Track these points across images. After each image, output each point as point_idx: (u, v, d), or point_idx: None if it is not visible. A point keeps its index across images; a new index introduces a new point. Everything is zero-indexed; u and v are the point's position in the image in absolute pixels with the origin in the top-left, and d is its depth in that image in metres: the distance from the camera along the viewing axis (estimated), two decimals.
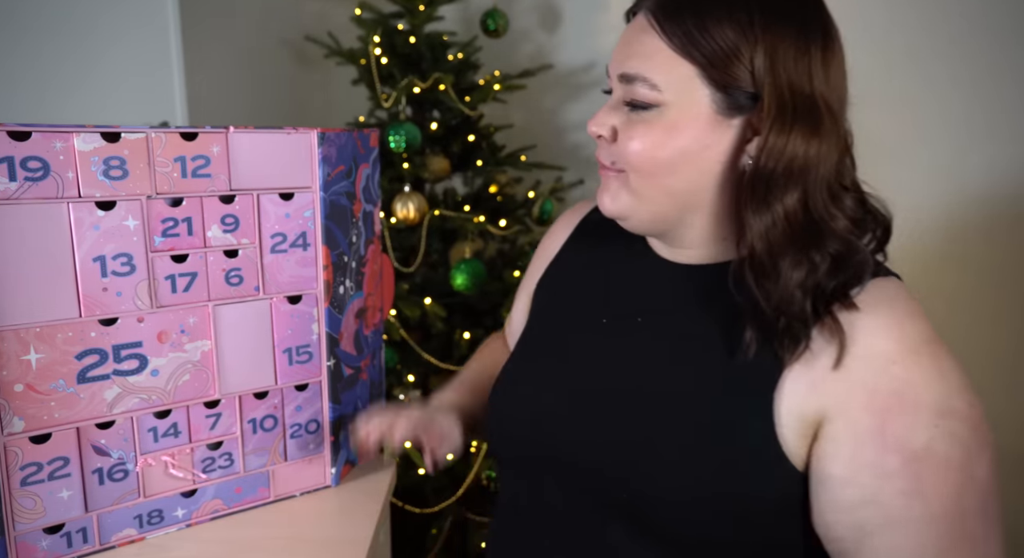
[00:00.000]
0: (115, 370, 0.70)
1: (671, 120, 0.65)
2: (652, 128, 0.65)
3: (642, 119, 0.66)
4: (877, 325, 0.62)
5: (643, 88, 0.65)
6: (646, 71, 0.65)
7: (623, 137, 0.67)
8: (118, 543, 0.74)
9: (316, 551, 0.75)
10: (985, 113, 1.48)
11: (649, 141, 0.65)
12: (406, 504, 1.45)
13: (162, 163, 0.70)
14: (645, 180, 0.67)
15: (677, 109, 0.65)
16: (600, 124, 0.69)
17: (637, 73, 0.65)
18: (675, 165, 0.66)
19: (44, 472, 0.68)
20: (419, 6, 1.57)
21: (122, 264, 0.69)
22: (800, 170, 0.62)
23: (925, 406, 0.59)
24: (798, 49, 0.62)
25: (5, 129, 0.62)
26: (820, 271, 0.63)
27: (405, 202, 1.50)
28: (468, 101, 1.58)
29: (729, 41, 0.62)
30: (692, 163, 0.66)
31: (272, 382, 0.80)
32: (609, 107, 0.70)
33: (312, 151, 0.78)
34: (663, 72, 0.64)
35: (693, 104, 0.64)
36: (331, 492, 0.86)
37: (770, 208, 0.63)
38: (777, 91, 0.62)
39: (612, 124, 0.68)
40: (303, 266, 0.80)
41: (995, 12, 1.45)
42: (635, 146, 0.66)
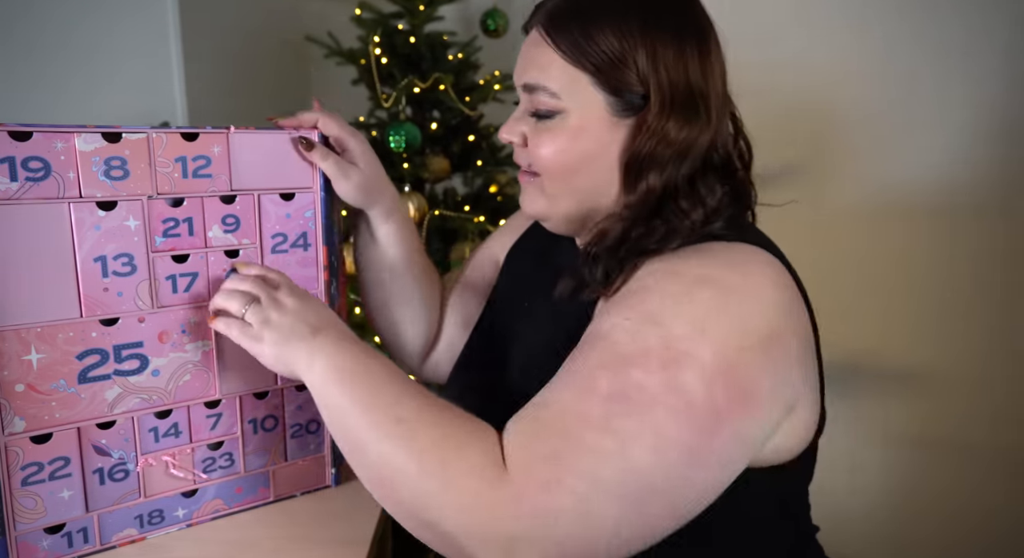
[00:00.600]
0: (116, 370, 0.70)
1: (572, 125, 0.69)
2: (557, 135, 0.70)
3: (547, 127, 0.71)
4: (659, 258, 0.64)
5: (544, 96, 0.70)
6: (544, 81, 0.69)
7: (532, 144, 0.72)
8: (119, 543, 0.74)
9: (316, 551, 0.75)
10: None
11: (555, 147, 0.70)
12: None
13: (163, 163, 0.70)
14: (556, 182, 0.72)
15: (577, 114, 0.69)
16: (510, 131, 0.75)
17: (536, 83, 0.70)
18: (581, 166, 0.70)
19: (45, 472, 0.68)
20: (419, 6, 1.57)
21: (123, 264, 0.69)
22: (669, 154, 0.67)
23: (638, 305, 0.60)
24: (676, 50, 0.67)
25: (6, 129, 0.62)
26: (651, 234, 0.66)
27: (405, 202, 1.51)
28: (468, 101, 1.58)
29: (614, 48, 0.67)
30: (595, 163, 0.70)
31: (272, 382, 0.80)
32: (518, 115, 0.75)
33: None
34: (559, 81, 0.69)
35: (590, 108, 0.69)
36: (331, 492, 0.86)
37: (635, 187, 0.68)
38: (659, 88, 0.67)
39: (522, 131, 0.73)
40: (303, 266, 0.80)
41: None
42: (543, 152, 0.71)
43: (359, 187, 0.80)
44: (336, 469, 0.87)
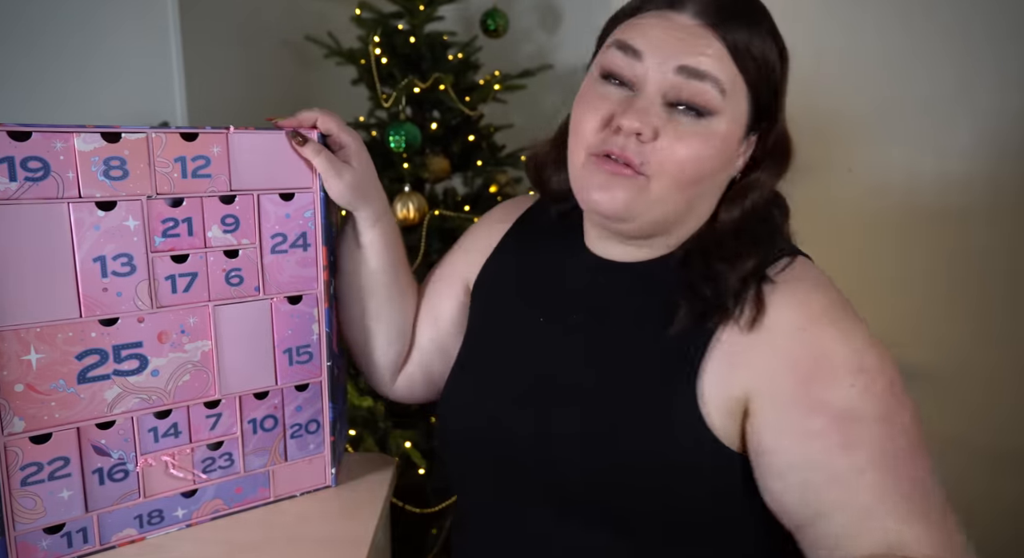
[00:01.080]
0: (115, 370, 0.70)
1: (721, 133, 0.65)
2: (705, 140, 0.64)
3: (694, 129, 0.64)
4: (784, 297, 0.65)
5: (712, 88, 0.63)
6: (717, 72, 0.63)
7: (667, 141, 0.64)
8: (118, 543, 0.74)
9: (316, 551, 0.75)
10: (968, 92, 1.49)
11: (702, 153, 0.64)
12: (406, 504, 1.45)
13: (162, 163, 0.70)
14: (675, 189, 0.66)
15: (727, 121, 0.65)
16: (643, 121, 0.64)
17: (708, 71, 0.63)
18: (709, 178, 0.67)
19: (44, 472, 0.68)
20: (419, 6, 1.57)
21: (122, 264, 0.69)
22: (769, 186, 0.71)
23: (840, 367, 0.62)
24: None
25: (5, 129, 0.62)
26: (760, 252, 0.68)
27: (405, 202, 1.50)
28: (468, 101, 1.58)
29: (773, 62, 0.66)
30: (718, 176, 0.68)
31: (272, 382, 0.80)
32: (647, 102, 0.65)
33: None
34: (728, 79, 0.64)
35: (739, 117, 0.66)
36: (331, 492, 0.86)
37: (742, 204, 0.69)
38: (782, 114, 0.68)
39: (655, 124, 0.64)
40: (303, 266, 0.80)
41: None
42: (683, 154, 0.64)
43: (351, 187, 0.78)
44: (336, 469, 0.87)
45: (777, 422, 0.63)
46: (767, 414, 0.63)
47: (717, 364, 0.65)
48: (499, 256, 0.86)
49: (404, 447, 1.40)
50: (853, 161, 1.53)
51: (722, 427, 0.65)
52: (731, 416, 0.65)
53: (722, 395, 0.65)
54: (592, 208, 0.69)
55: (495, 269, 0.85)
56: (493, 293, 0.85)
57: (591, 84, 0.71)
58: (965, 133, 1.47)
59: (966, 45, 1.44)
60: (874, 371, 0.62)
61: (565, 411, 0.71)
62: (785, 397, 0.63)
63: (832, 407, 0.61)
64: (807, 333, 0.64)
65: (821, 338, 0.63)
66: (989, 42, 1.43)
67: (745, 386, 0.64)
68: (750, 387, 0.64)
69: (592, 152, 0.68)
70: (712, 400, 0.65)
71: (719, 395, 0.65)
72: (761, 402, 0.64)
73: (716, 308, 0.65)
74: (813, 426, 0.61)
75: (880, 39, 1.49)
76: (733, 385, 0.65)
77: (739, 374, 0.64)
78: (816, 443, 0.61)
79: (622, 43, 0.67)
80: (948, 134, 1.48)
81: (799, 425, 0.62)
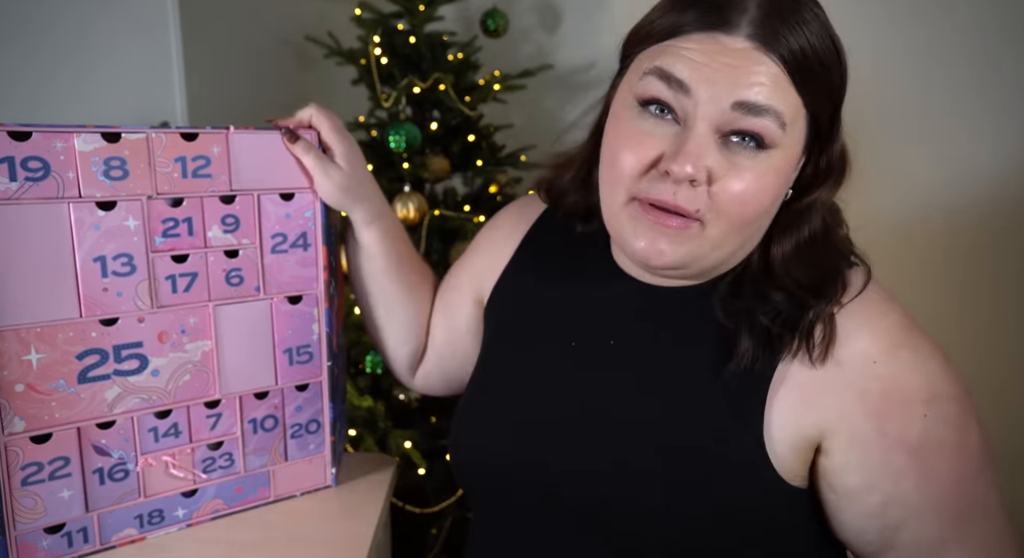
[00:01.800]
0: (116, 370, 0.70)
1: (780, 166, 0.59)
2: (765, 176, 0.58)
3: (751, 164, 0.58)
4: (853, 326, 0.62)
5: (774, 124, 0.57)
6: (779, 104, 0.57)
7: (728, 183, 0.58)
8: (118, 543, 0.74)
9: (316, 551, 0.75)
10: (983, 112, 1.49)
11: (762, 190, 0.59)
12: (406, 504, 1.45)
13: (162, 163, 0.70)
14: (734, 230, 0.60)
15: (785, 153, 0.59)
16: (697, 167, 0.57)
17: (770, 105, 0.56)
18: (767, 211, 0.61)
19: (45, 472, 0.68)
20: (419, 6, 1.57)
21: (122, 264, 0.69)
22: (825, 204, 0.66)
23: (913, 398, 0.60)
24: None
25: (5, 129, 0.62)
26: (819, 277, 0.64)
27: (405, 202, 1.50)
28: (468, 101, 1.58)
29: (836, 86, 0.60)
30: (775, 206, 0.63)
31: (272, 382, 0.80)
32: (699, 141, 0.57)
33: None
34: (789, 110, 0.57)
35: (797, 143, 0.60)
36: (331, 492, 0.86)
37: (799, 231, 0.64)
38: (840, 137, 0.64)
39: (708, 166, 0.58)
40: (303, 266, 0.80)
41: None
42: (749, 197, 0.58)
43: (340, 188, 0.77)
44: (336, 469, 0.87)
45: (860, 461, 0.61)
46: (850, 454, 0.61)
47: (785, 400, 0.61)
48: (515, 272, 0.81)
49: (404, 447, 1.40)
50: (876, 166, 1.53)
51: (785, 463, 0.62)
52: (799, 453, 0.62)
53: (791, 432, 0.61)
54: (639, 260, 0.63)
55: (511, 286, 0.80)
56: (511, 312, 0.80)
57: (628, 113, 0.62)
58: (969, 132, 1.47)
59: (983, 43, 1.43)
60: (946, 396, 0.61)
61: (609, 443, 0.66)
62: (866, 435, 0.60)
63: (908, 442, 0.60)
64: (879, 366, 0.60)
65: (893, 368, 0.60)
66: (1008, 40, 1.42)
67: (819, 425, 0.61)
68: (825, 426, 0.61)
69: (633, 194, 0.61)
70: (779, 436, 0.61)
71: (788, 432, 0.61)
72: (839, 442, 0.61)
73: (779, 340, 0.61)
74: (896, 465, 0.61)
75: (897, 37, 1.48)
76: (805, 424, 0.61)
77: (812, 412, 0.61)
78: (898, 482, 0.61)
79: (665, 73, 0.59)
80: (953, 134, 1.48)
81: (881, 464, 0.61)
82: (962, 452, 0.62)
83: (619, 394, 0.67)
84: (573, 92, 1.90)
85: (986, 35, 1.44)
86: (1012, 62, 1.43)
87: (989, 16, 1.44)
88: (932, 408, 0.60)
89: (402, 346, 0.89)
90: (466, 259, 0.88)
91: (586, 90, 1.89)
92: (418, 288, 0.88)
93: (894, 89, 1.50)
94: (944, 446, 0.61)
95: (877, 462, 0.61)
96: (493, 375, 0.78)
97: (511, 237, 0.83)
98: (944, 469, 0.61)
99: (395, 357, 0.90)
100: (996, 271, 1.51)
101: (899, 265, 1.53)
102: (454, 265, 0.91)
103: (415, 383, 0.93)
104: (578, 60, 1.87)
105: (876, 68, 1.50)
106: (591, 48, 1.87)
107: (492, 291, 0.82)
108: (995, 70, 1.45)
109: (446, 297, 0.89)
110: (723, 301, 0.65)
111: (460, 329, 0.87)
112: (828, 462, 0.62)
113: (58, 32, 1.47)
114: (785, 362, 0.62)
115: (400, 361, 0.91)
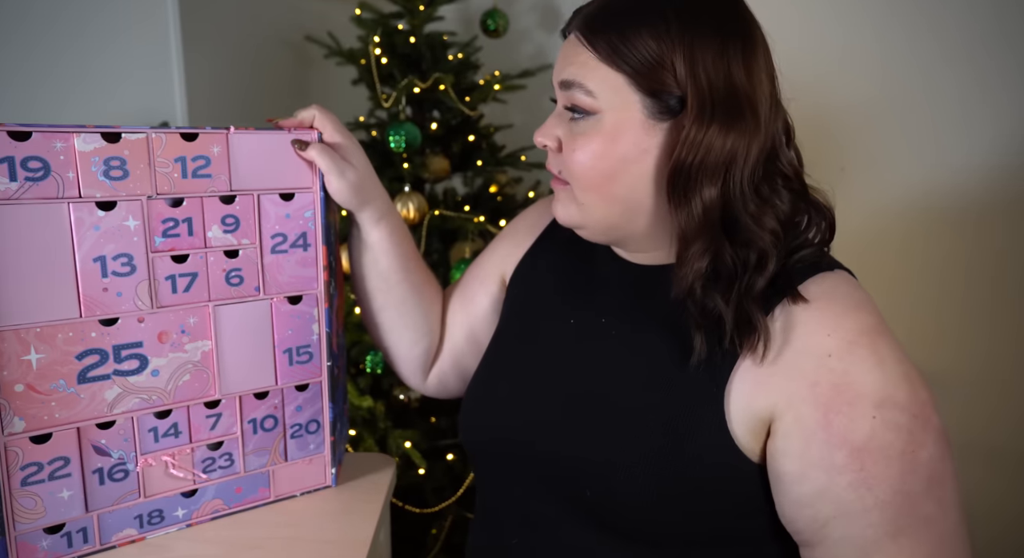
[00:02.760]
0: (115, 370, 0.70)
1: (608, 128, 0.67)
2: (592, 138, 0.68)
3: (582, 130, 0.68)
4: (815, 319, 0.64)
5: (580, 93, 0.67)
6: (581, 78, 0.67)
7: (567, 149, 0.69)
8: (118, 543, 0.74)
9: (316, 551, 0.75)
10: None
11: (590, 151, 0.68)
12: (406, 504, 1.45)
13: (162, 163, 0.70)
14: (589, 190, 0.69)
15: (612, 117, 0.67)
16: (546, 134, 0.72)
17: (573, 79, 0.68)
18: (616, 173, 0.68)
19: (44, 472, 0.68)
20: (419, 6, 1.57)
21: (122, 264, 0.69)
22: (717, 164, 0.64)
23: (863, 397, 0.61)
24: (716, 50, 0.64)
25: (5, 129, 0.62)
26: (736, 266, 0.65)
27: (405, 202, 1.50)
28: (468, 101, 1.58)
29: (651, 49, 0.65)
30: (631, 169, 0.68)
31: (272, 382, 0.80)
32: (555, 117, 0.72)
33: None
34: (596, 80, 0.67)
35: (626, 111, 0.66)
36: (331, 492, 0.86)
37: (689, 202, 0.65)
38: (698, 90, 0.64)
39: (557, 134, 0.71)
40: (303, 266, 0.80)
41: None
42: (578, 156, 0.68)
43: (353, 186, 0.78)
44: (336, 469, 0.87)
45: (798, 449, 0.62)
46: (790, 440, 0.63)
47: (742, 384, 0.65)
48: (535, 254, 0.88)
49: (404, 447, 1.40)
50: (847, 159, 1.53)
51: (747, 444, 0.65)
52: (754, 434, 0.65)
53: (747, 414, 0.64)
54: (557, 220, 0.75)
55: (530, 267, 0.87)
56: (524, 295, 0.86)
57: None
58: (972, 132, 1.47)
59: (982, 40, 1.43)
60: (900, 405, 0.61)
61: (591, 420, 0.71)
62: (808, 425, 0.62)
63: (852, 441, 0.60)
64: (834, 359, 0.62)
65: (848, 366, 0.62)
66: (1006, 37, 1.42)
67: (770, 407, 0.63)
68: (775, 409, 0.63)
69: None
70: (737, 418, 0.65)
71: (744, 412, 0.64)
72: (783, 425, 0.63)
73: (726, 336, 0.64)
74: (834, 460, 0.61)
75: (890, 34, 1.48)
76: (757, 405, 0.64)
77: (764, 395, 0.64)
78: (832, 477, 0.61)
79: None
80: (957, 133, 1.48)
81: (819, 456, 0.61)
82: (907, 465, 0.61)
83: (606, 369, 0.73)
84: None
85: (972, 35, 1.44)
86: (995, 60, 1.43)
87: (970, 19, 1.44)
88: (882, 413, 0.61)
89: (415, 346, 0.90)
90: (488, 252, 0.93)
91: None
92: (425, 286, 0.89)
93: (880, 87, 1.50)
94: (889, 455, 0.60)
95: (816, 454, 0.61)
96: (500, 352, 0.84)
97: (534, 227, 0.90)
98: (884, 477, 0.60)
99: (407, 358, 0.91)
100: (980, 268, 1.51)
101: (902, 264, 1.54)
102: (474, 262, 0.94)
103: (428, 384, 0.94)
104: None
105: (863, 67, 1.50)
106: None
107: (513, 273, 0.89)
108: (977, 68, 1.45)
109: (468, 289, 0.92)
110: (675, 283, 0.68)
111: (480, 319, 0.90)
112: (771, 444, 0.64)
113: (59, 33, 1.47)
114: (745, 351, 0.65)
115: (412, 362, 0.91)
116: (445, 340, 0.92)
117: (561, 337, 0.78)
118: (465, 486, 1.47)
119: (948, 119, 1.48)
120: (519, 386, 0.79)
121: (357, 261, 0.87)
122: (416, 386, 0.94)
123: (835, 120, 1.50)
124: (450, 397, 0.96)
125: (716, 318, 0.65)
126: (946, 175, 1.51)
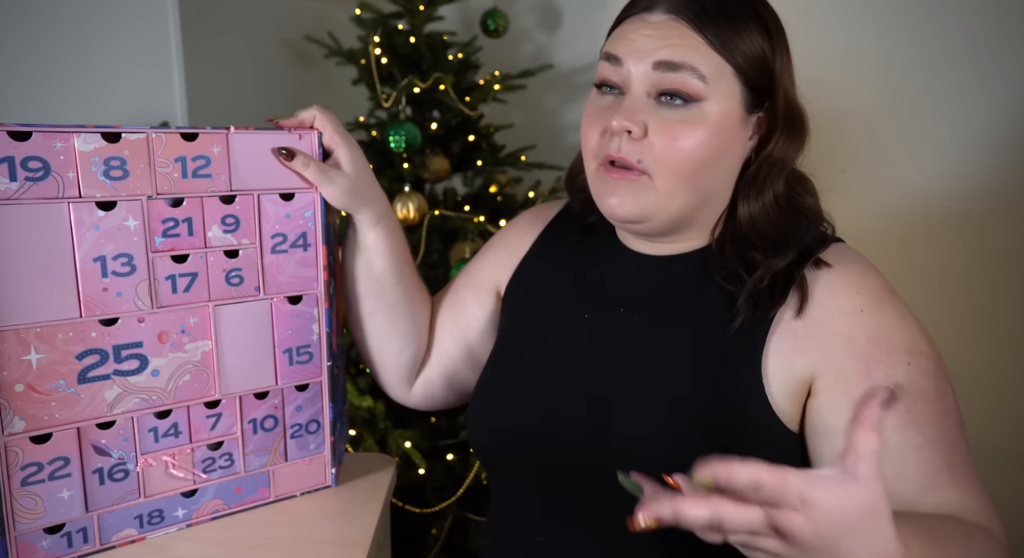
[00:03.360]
0: (115, 370, 0.70)
1: (713, 117, 0.67)
2: (697, 126, 0.67)
3: (681, 118, 0.67)
4: (842, 280, 0.69)
5: (691, 78, 0.66)
6: (693, 61, 0.66)
7: (664, 136, 0.67)
8: (118, 543, 0.74)
9: (316, 551, 0.75)
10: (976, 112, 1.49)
11: (697, 139, 0.67)
12: (406, 504, 1.45)
13: (162, 163, 0.70)
14: (680, 180, 0.68)
15: (718, 105, 0.67)
16: (632, 119, 0.67)
17: (684, 61, 0.66)
18: (711, 162, 0.68)
19: (44, 472, 0.68)
20: (419, 6, 1.57)
21: (122, 264, 0.69)
22: (785, 162, 0.72)
23: (898, 347, 0.66)
24: (789, 56, 0.71)
25: (5, 129, 0.62)
26: (794, 239, 0.70)
27: (405, 202, 1.50)
28: (468, 101, 1.58)
29: (759, 45, 0.68)
30: (722, 160, 0.70)
31: (272, 382, 0.80)
32: (634, 101, 0.68)
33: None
34: (709, 66, 0.66)
35: (731, 101, 0.68)
36: (331, 492, 0.86)
37: (763, 194, 0.71)
38: (785, 94, 0.70)
39: (643, 121, 0.67)
40: (303, 266, 0.80)
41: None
42: (683, 145, 0.67)
43: (345, 191, 0.78)
44: (336, 469, 0.87)
45: (844, 402, 0.65)
46: (834, 395, 0.66)
47: (779, 346, 0.68)
48: (533, 259, 0.86)
49: (404, 447, 1.40)
50: (847, 161, 1.53)
51: (783, 407, 0.67)
52: (793, 397, 0.67)
53: (786, 377, 0.67)
54: (608, 214, 0.72)
55: (529, 271, 0.86)
56: (529, 295, 0.85)
57: (591, 98, 0.74)
58: (973, 134, 1.47)
59: (984, 42, 1.43)
60: (927, 352, 0.67)
61: (627, 405, 0.71)
62: (850, 377, 0.65)
63: (895, 384, 0.64)
64: (867, 315, 0.67)
65: (881, 318, 0.67)
66: (1006, 39, 1.42)
67: (810, 367, 0.67)
68: (815, 368, 0.66)
69: (599, 160, 0.71)
70: (776, 382, 0.67)
71: (783, 377, 0.67)
72: (825, 382, 0.66)
73: (767, 298, 0.68)
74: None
75: (892, 35, 1.48)
76: (797, 366, 0.67)
77: (803, 356, 0.67)
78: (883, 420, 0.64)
79: (607, 54, 0.72)
80: (958, 135, 1.48)
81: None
82: (943, 408, 0.65)
83: (630, 358, 0.73)
84: (573, 92, 1.90)
85: (974, 36, 1.44)
86: (997, 62, 1.43)
87: (972, 21, 1.44)
88: (915, 360, 0.66)
89: (402, 353, 0.88)
90: (477, 262, 0.91)
91: (586, 90, 1.88)
92: (416, 293, 0.88)
93: (882, 88, 1.50)
94: (928, 398, 0.65)
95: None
96: (511, 351, 0.83)
97: (529, 232, 0.89)
98: (928, 417, 0.64)
99: (393, 366, 0.89)
100: (981, 270, 1.51)
101: (899, 263, 1.53)
102: (463, 271, 0.92)
103: (413, 394, 0.92)
104: (578, 60, 1.87)
105: (864, 68, 1.50)
106: (591, 48, 1.86)
107: (509, 281, 0.87)
108: (979, 69, 1.45)
109: (458, 299, 0.90)
110: (715, 263, 0.72)
111: (475, 331, 0.89)
112: (814, 402, 0.67)
113: (59, 33, 1.47)
114: (780, 313, 0.68)
115: (398, 370, 0.89)
116: (432, 349, 0.90)
117: (575, 333, 0.78)
118: (465, 486, 1.47)
119: (949, 121, 1.48)
120: (535, 385, 0.78)
121: (351, 264, 0.85)
122: (400, 396, 0.92)
123: (836, 121, 1.50)
124: (435, 408, 0.93)
125: (759, 281, 0.69)
126: (947, 176, 1.51)
